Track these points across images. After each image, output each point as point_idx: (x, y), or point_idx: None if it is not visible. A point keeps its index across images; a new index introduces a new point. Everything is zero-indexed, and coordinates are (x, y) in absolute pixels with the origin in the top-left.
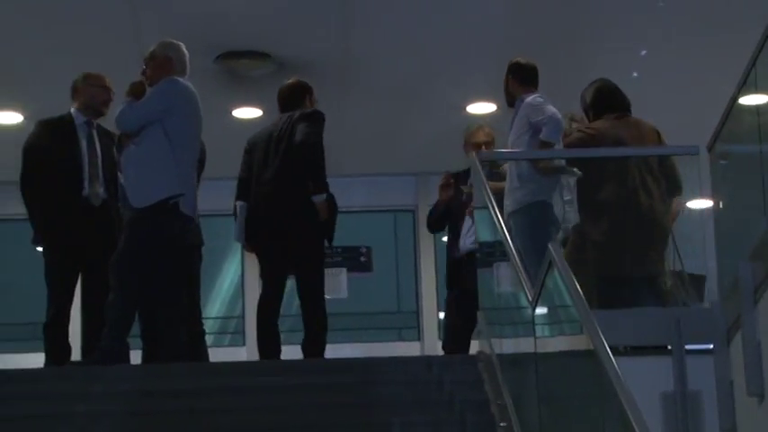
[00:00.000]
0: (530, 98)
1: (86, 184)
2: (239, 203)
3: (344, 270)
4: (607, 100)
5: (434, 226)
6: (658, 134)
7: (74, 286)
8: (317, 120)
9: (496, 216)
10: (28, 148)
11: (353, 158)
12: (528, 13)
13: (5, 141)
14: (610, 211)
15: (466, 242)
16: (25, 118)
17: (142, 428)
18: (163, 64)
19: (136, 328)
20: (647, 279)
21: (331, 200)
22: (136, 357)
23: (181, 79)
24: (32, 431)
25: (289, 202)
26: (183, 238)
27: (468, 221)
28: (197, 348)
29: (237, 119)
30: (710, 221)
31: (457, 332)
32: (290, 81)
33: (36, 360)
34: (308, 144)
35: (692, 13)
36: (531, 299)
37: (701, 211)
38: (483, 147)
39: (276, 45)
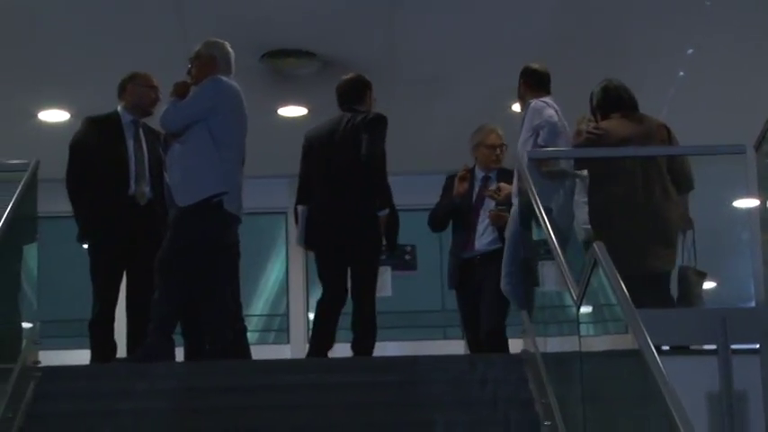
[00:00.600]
0: (534, 102)
1: (132, 182)
2: (300, 208)
3: (389, 269)
4: (613, 99)
5: (441, 224)
6: (668, 130)
7: (119, 284)
8: (382, 128)
9: (542, 216)
10: (74, 145)
11: (400, 157)
12: (574, 10)
13: (53, 139)
14: (616, 209)
15: (482, 242)
16: (72, 116)
17: (186, 426)
18: (207, 63)
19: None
20: (653, 277)
21: (392, 212)
22: (180, 355)
23: (225, 78)
24: (77, 428)
25: (351, 211)
26: (227, 235)
27: (484, 220)
28: (239, 345)
29: (283, 117)
30: (757, 221)
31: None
32: (350, 76)
33: (82, 357)
34: (375, 157)
35: (738, 12)
36: (575, 298)
37: (748, 211)
38: (498, 149)
39: (321, 44)
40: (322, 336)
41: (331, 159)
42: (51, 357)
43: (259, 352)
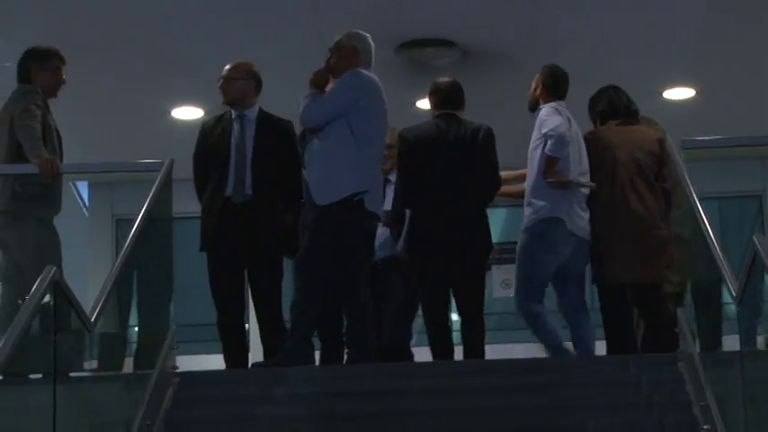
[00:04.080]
0: (543, 109)
1: (230, 182)
2: (409, 211)
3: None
4: (611, 106)
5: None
6: (660, 142)
7: (236, 288)
8: (494, 143)
9: (698, 209)
10: (195, 151)
11: None
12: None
13: (186, 137)
14: (602, 215)
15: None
16: (206, 113)
17: None
18: (348, 55)
19: None
20: (642, 286)
21: None
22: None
23: (365, 71)
24: None
25: (462, 217)
26: (369, 235)
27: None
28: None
29: (421, 110)
30: None
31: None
32: (451, 79)
33: (219, 362)
34: (497, 173)
35: None
36: (735, 294)
37: None
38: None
39: (461, 32)
40: (445, 339)
41: (445, 167)
42: (188, 362)
43: None
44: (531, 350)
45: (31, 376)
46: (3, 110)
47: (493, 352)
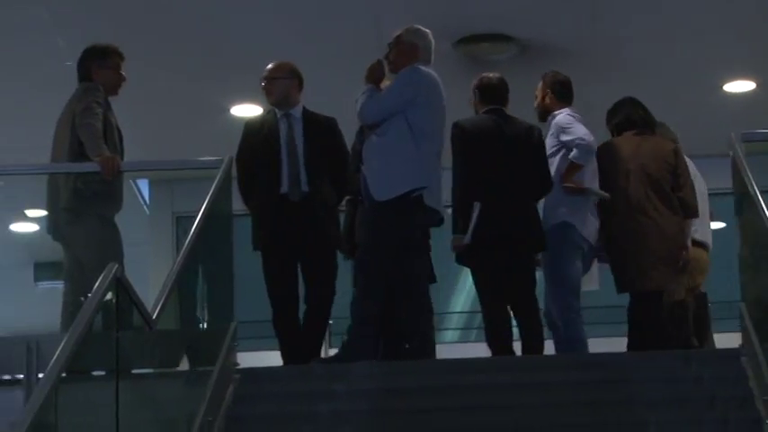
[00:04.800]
0: (560, 116)
1: (285, 179)
2: (478, 204)
3: (596, 261)
4: (627, 119)
5: None
6: (675, 152)
7: (293, 285)
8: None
9: (760, 204)
10: (238, 151)
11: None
12: None
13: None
14: (616, 226)
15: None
16: (264, 110)
17: (386, 428)
18: (408, 51)
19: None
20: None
21: None
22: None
23: (424, 67)
24: (275, 430)
25: (524, 214)
26: (426, 231)
27: None
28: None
29: None
30: None
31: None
32: (499, 75)
33: (280, 358)
34: (549, 174)
35: None
36: None
37: None
38: None
39: (519, 27)
40: (505, 334)
41: (504, 163)
42: (248, 359)
43: (461, 350)
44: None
45: (94, 373)
46: (65, 108)
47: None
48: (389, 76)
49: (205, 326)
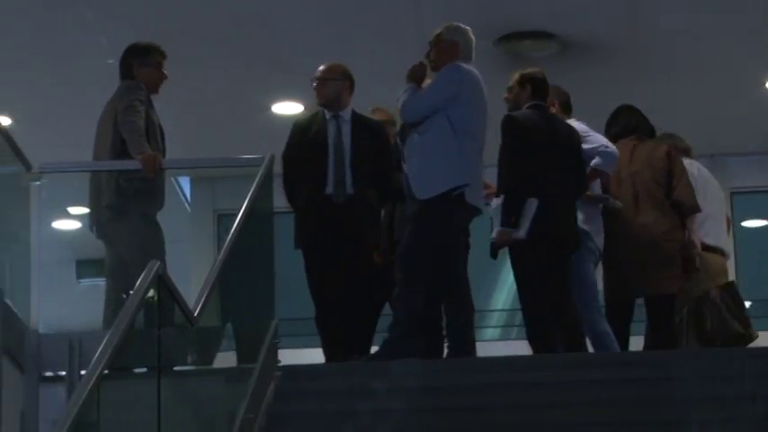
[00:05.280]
0: (575, 124)
1: (330, 181)
2: (535, 200)
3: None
4: (624, 127)
5: None
6: (669, 155)
7: (335, 284)
8: None
9: None
10: (286, 150)
11: None
12: None
13: (286, 132)
14: (608, 230)
15: None
16: (306, 108)
17: (426, 426)
18: (448, 49)
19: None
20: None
21: None
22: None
23: (465, 65)
24: (318, 428)
25: (571, 212)
26: (467, 229)
27: None
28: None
29: None
30: None
31: None
32: (540, 70)
33: (321, 355)
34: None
35: None
36: None
37: None
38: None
39: (560, 24)
40: (548, 332)
41: (554, 160)
42: (290, 356)
43: (501, 348)
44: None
45: (136, 370)
46: (107, 106)
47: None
48: (431, 75)
49: (246, 323)
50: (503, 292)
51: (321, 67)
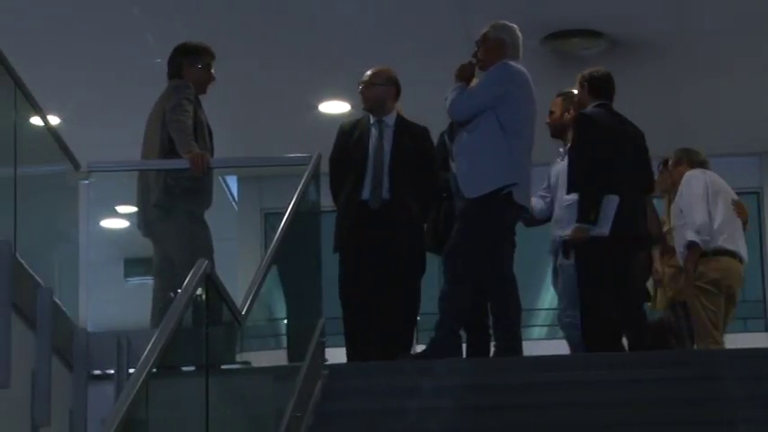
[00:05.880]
0: None
1: (367, 186)
2: (616, 197)
3: None
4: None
5: None
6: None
7: (361, 289)
8: None
9: None
10: (332, 153)
11: (690, 140)
12: None
13: (333, 132)
14: None
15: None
16: (352, 107)
17: (472, 424)
18: (495, 47)
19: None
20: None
21: None
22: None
23: (513, 63)
24: (364, 427)
25: (644, 213)
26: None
27: None
28: None
29: None
30: None
31: None
32: (605, 69)
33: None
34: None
35: None
36: None
37: None
38: None
39: (608, 23)
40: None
41: (627, 159)
42: (336, 354)
43: (548, 347)
44: None
45: (184, 368)
46: (155, 106)
47: None
48: (479, 74)
49: (293, 322)
50: (550, 290)
51: (368, 72)
